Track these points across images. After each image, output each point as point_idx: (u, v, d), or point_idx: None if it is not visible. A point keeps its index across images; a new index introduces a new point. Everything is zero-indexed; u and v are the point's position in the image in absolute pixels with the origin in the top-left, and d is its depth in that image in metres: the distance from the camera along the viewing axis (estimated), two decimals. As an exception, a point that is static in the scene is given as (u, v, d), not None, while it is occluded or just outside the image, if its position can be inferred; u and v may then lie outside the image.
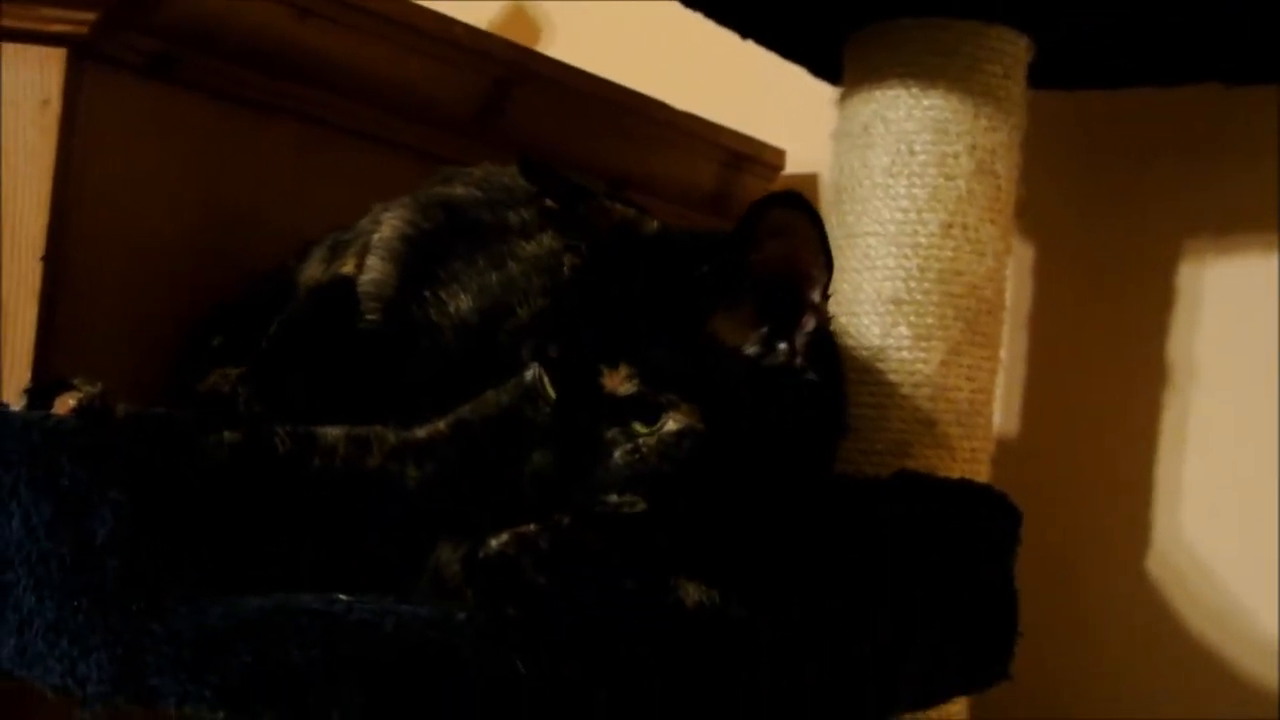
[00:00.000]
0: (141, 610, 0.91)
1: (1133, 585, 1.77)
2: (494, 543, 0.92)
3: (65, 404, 1.00)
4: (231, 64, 1.42)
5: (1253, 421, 1.71)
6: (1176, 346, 1.76)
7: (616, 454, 0.96)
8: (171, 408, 1.34)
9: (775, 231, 0.96)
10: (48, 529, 0.93)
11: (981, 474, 1.52)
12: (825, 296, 1.01)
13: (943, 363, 1.49)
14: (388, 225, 1.35)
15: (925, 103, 1.50)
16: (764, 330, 0.99)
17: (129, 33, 1.32)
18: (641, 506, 0.95)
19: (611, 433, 0.96)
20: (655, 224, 1.10)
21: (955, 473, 1.48)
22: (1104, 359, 1.82)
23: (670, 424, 0.95)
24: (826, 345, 1.05)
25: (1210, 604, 1.72)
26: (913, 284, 1.50)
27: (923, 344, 1.49)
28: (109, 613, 0.91)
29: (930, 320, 1.49)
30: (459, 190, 1.39)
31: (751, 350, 0.98)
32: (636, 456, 0.95)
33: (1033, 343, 1.86)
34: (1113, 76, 1.69)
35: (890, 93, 1.52)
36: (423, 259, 1.32)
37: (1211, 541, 1.73)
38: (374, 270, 1.33)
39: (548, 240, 1.32)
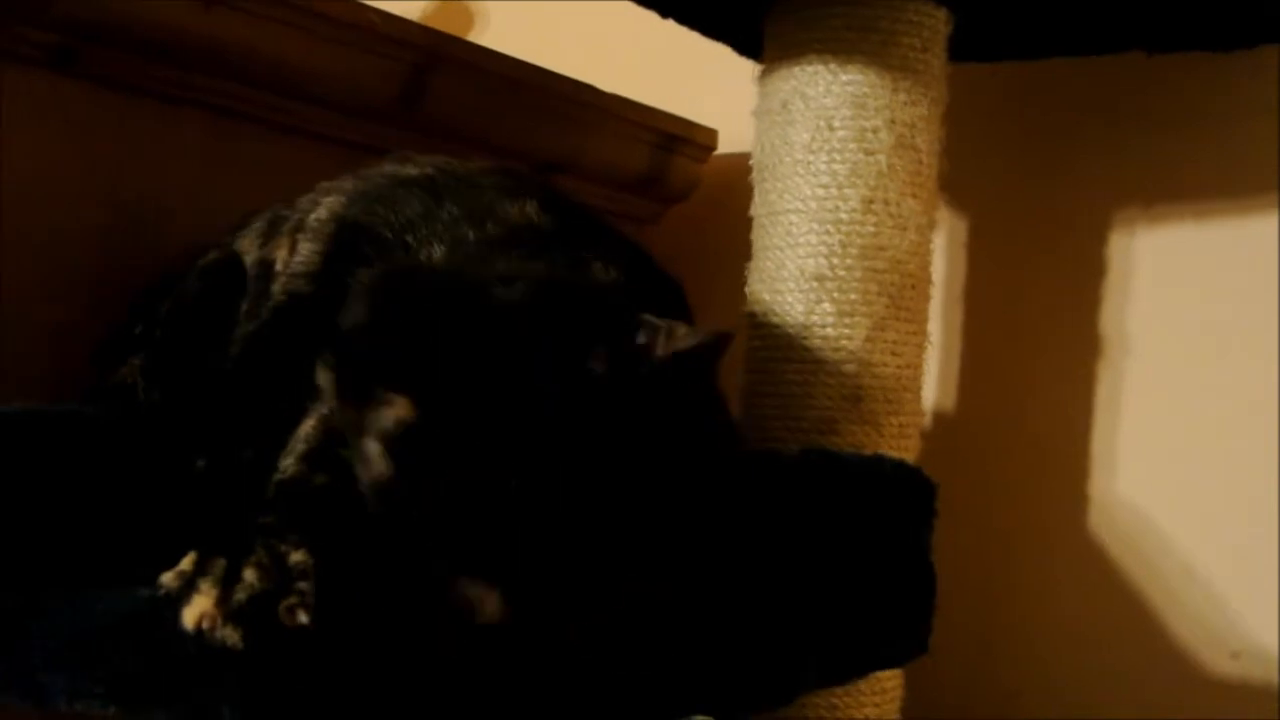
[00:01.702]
0: (20, 609, 0.90)
1: (1070, 556, 1.77)
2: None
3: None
4: (134, 56, 1.40)
5: (1185, 390, 1.71)
6: (1109, 317, 1.76)
7: None
8: (89, 395, 1.35)
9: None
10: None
11: (910, 450, 1.52)
12: None
13: (867, 339, 1.48)
14: (324, 206, 1.32)
15: (844, 78, 1.49)
16: None
17: (24, 27, 1.30)
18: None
19: None
20: None
21: (883, 448, 1.48)
22: (1038, 331, 1.82)
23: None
24: None
25: (1145, 584, 1.72)
26: (835, 260, 1.49)
27: (846, 320, 1.48)
28: (-4, 611, 0.91)
29: (854, 296, 1.48)
30: (411, 170, 1.34)
31: None
32: None
33: (967, 316, 1.86)
34: (1034, 47, 1.68)
35: (809, 69, 1.51)
36: (362, 226, 1.27)
37: (1147, 510, 1.73)
38: (303, 253, 1.30)
39: (531, 210, 1.27)
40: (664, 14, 1.64)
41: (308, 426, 1.04)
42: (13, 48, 1.30)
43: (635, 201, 1.95)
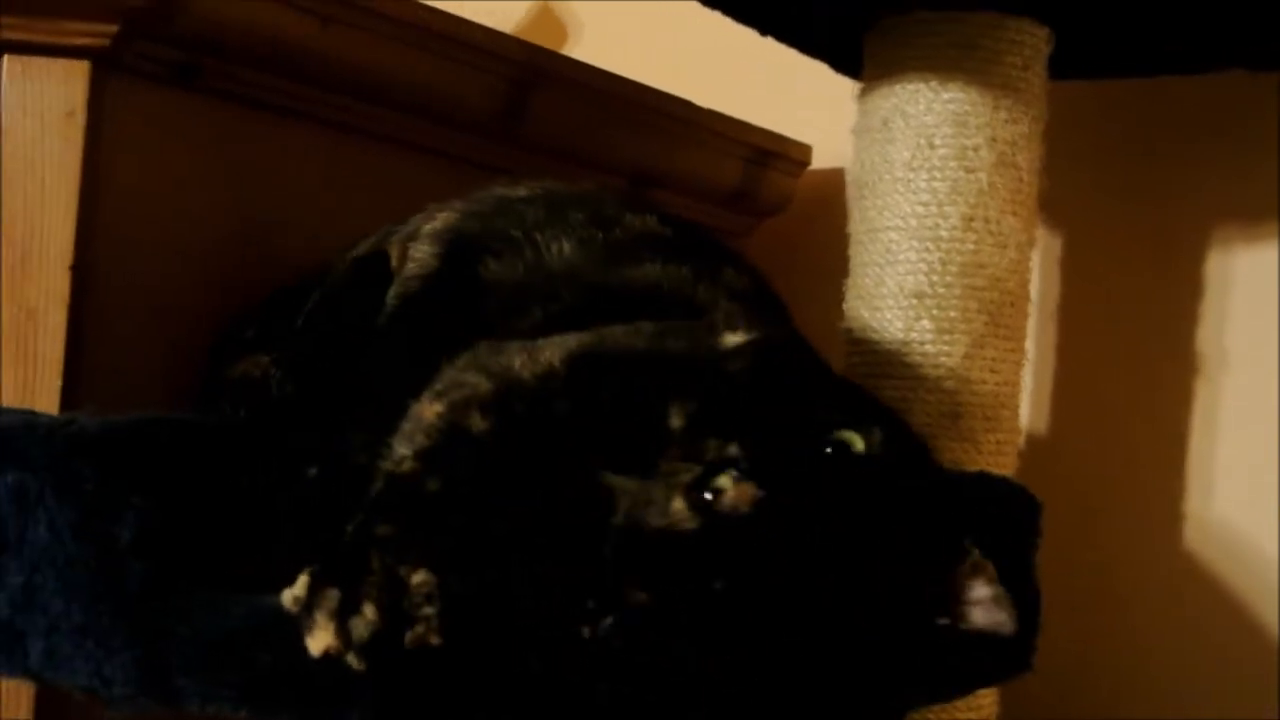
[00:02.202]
0: (164, 612, 0.93)
1: (1167, 575, 1.76)
2: None
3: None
4: (253, 71, 1.44)
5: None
6: (1206, 335, 1.75)
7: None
8: (201, 398, 1.37)
9: None
10: (73, 533, 0.95)
11: (1007, 467, 1.52)
12: None
13: (966, 356, 1.49)
14: (439, 219, 1.33)
15: (945, 96, 1.50)
16: None
17: (149, 43, 1.33)
18: None
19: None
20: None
21: (980, 465, 1.48)
22: (1133, 349, 1.81)
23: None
24: None
25: (1245, 592, 1.71)
26: (935, 278, 1.49)
27: (945, 337, 1.49)
28: (133, 615, 0.93)
29: (953, 313, 1.49)
30: (521, 190, 1.36)
31: None
32: None
33: (1061, 335, 1.86)
34: (1135, 65, 1.68)
35: (910, 87, 1.52)
36: (477, 236, 1.28)
37: (1245, 529, 1.72)
38: (417, 256, 1.31)
39: (652, 222, 1.29)
40: (763, 32, 1.66)
41: (431, 412, 0.98)
42: (137, 64, 1.34)
43: (727, 215, 1.97)
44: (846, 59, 1.70)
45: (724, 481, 0.88)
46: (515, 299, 1.19)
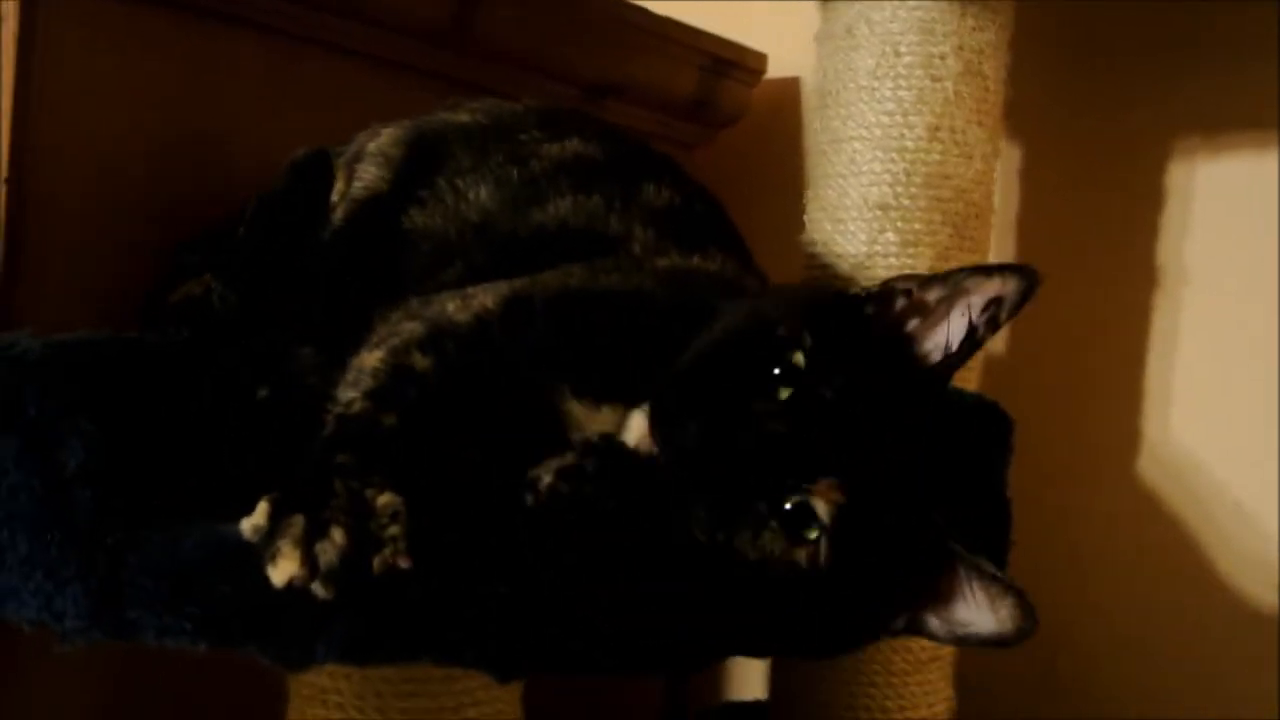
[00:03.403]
0: (116, 542, 0.89)
1: (1123, 491, 1.76)
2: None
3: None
4: (193, -26, 1.38)
5: (1244, 323, 1.69)
6: (1166, 248, 1.73)
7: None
8: (144, 326, 1.33)
9: None
10: (16, 461, 0.91)
11: (970, 381, 1.50)
12: None
13: (930, 268, 1.46)
14: (384, 136, 1.33)
15: (911, 3, 1.46)
16: None
17: (83, -54, 1.27)
18: None
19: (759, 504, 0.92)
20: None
21: (944, 380, 1.46)
22: (1093, 261, 1.79)
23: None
24: None
25: (1202, 507, 1.71)
26: (899, 189, 1.46)
27: (910, 250, 1.46)
28: (83, 545, 0.90)
29: (918, 225, 1.46)
30: (463, 116, 1.36)
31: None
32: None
33: (1020, 246, 1.83)
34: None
35: (875, -8, 1.48)
36: (423, 157, 1.29)
37: (1202, 444, 1.72)
38: (367, 176, 1.30)
39: (574, 145, 1.30)
40: (722, -65, 1.61)
41: (374, 359, 1.00)
42: (71, -33, 1.27)
43: (683, 126, 1.92)
44: (806, -36, 1.66)
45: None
46: (438, 252, 1.23)
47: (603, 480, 0.92)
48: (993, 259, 1.76)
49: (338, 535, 0.85)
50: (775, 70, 2.00)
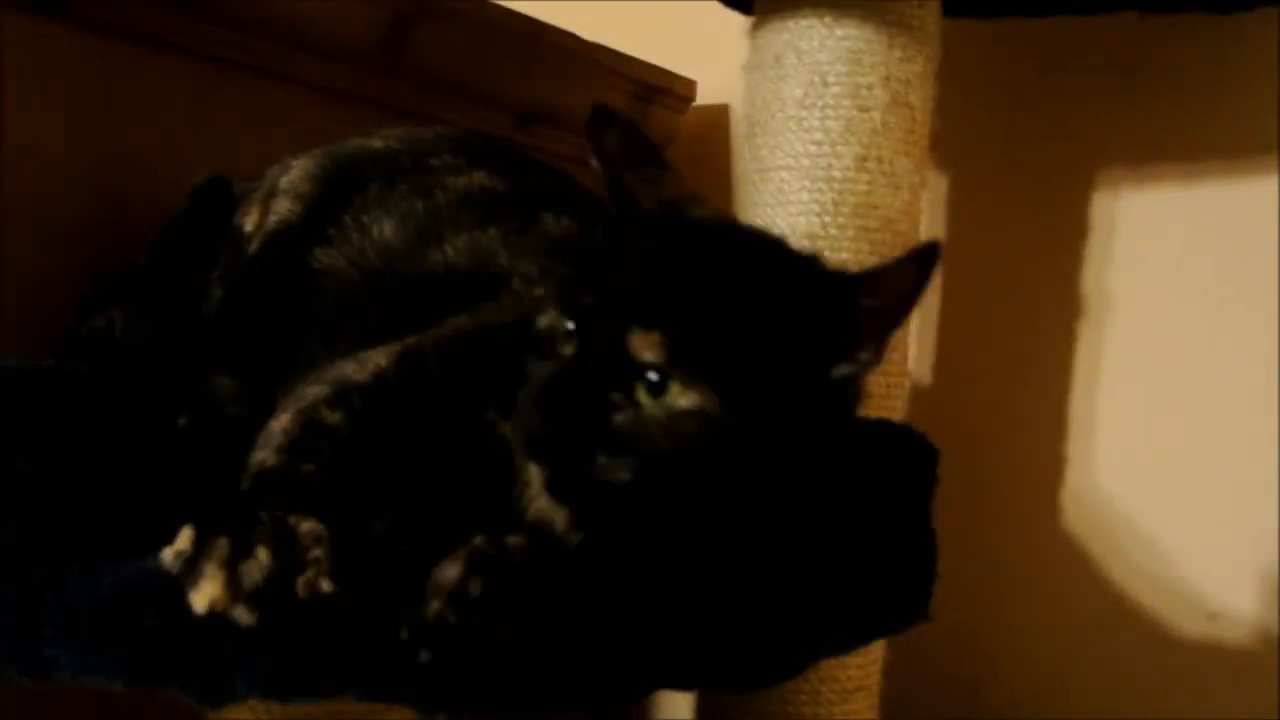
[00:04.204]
0: (37, 579, 0.87)
1: (1046, 521, 1.78)
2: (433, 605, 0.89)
3: None
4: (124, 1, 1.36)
5: (1166, 353, 1.71)
6: (1091, 278, 1.76)
7: (618, 416, 0.91)
8: (57, 359, 1.31)
9: (899, 284, 0.96)
10: (-65, 496, 0.89)
11: (897, 410, 1.51)
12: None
13: (858, 299, 1.47)
14: (296, 170, 1.32)
15: (839, 32, 1.47)
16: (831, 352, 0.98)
17: (17, -30, 1.26)
18: (625, 476, 0.92)
19: (616, 395, 0.92)
20: (710, 210, 1.08)
21: (870, 410, 1.45)
22: (1018, 291, 1.81)
23: (683, 400, 0.91)
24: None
25: (1123, 538, 1.73)
26: (827, 219, 1.47)
27: (838, 280, 1.47)
28: (5, 582, 0.87)
29: (846, 255, 1.47)
30: (377, 143, 1.35)
31: (799, 361, 0.97)
32: (638, 425, 0.91)
33: (946, 275, 1.85)
34: (1027, 5, 1.66)
35: (804, 22, 1.48)
36: (333, 192, 1.29)
37: (1124, 475, 1.74)
38: (280, 211, 1.29)
39: (481, 177, 1.29)
40: (653, -37, 1.61)
41: (282, 422, 1.00)
42: (2, -9, 1.25)
43: (612, 152, 1.92)
44: (736, -6, 1.67)
45: None
46: (341, 297, 1.24)
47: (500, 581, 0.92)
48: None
49: (263, 555, 0.85)
50: (704, 97, 2.01)
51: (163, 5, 1.40)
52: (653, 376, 0.91)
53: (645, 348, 0.91)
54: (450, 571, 0.90)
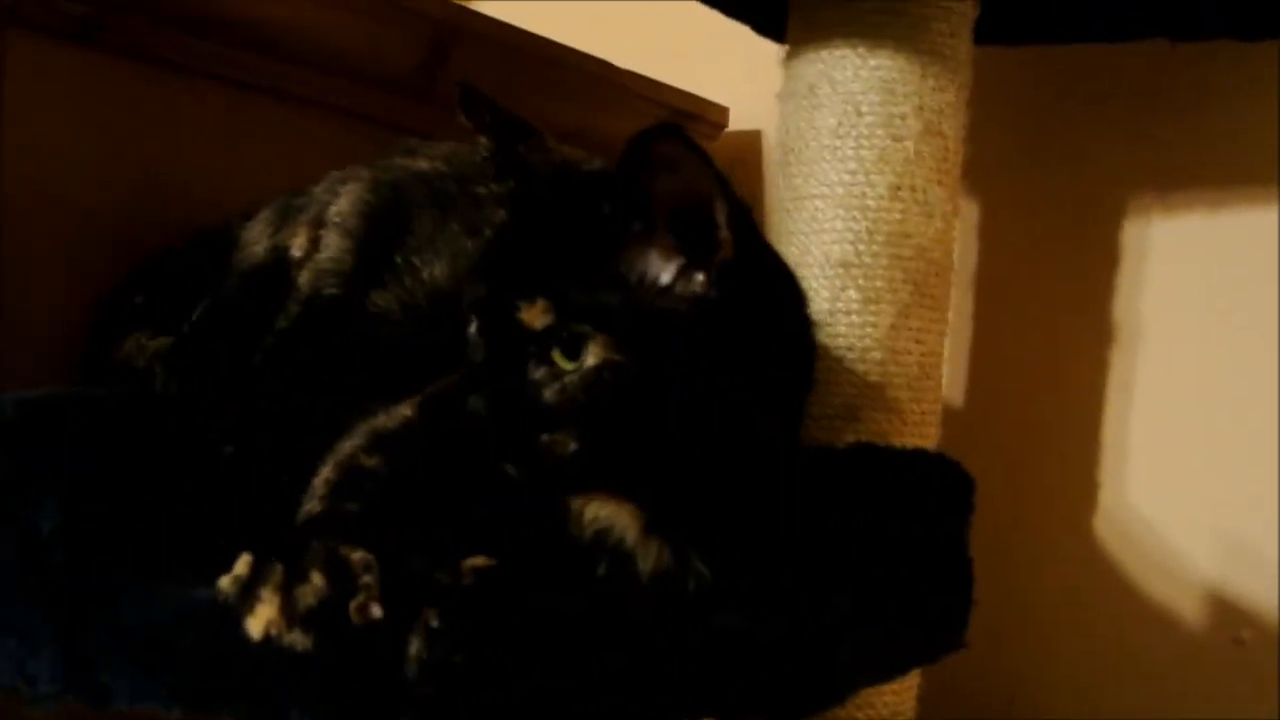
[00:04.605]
0: (89, 605, 0.89)
1: (1078, 546, 1.78)
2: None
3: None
4: (158, 27, 1.39)
5: (1197, 379, 1.72)
6: (1122, 304, 1.76)
7: (546, 392, 0.95)
8: (86, 371, 1.32)
9: (662, 166, 0.94)
10: (-11, 524, 0.90)
11: (931, 437, 1.52)
12: (737, 226, 0.98)
13: (892, 326, 1.48)
14: (345, 199, 1.32)
15: (872, 63, 1.48)
16: (680, 263, 0.97)
17: (54, -1, 1.28)
18: (573, 446, 0.95)
19: (539, 372, 0.95)
20: (596, 165, 1.09)
21: (905, 436, 1.48)
22: (1049, 318, 1.82)
23: (590, 358, 0.94)
24: (764, 284, 1.03)
25: (1156, 561, 1.74)
26: (861, 247, 1.48)
27: (871, 307, 1.48)
28: (56, 609, 0.89)
29: (879, 283, 1.48)
30: (423, 164, 1.36)
31: (665, 280, 0.97)
32: (564, 394, 0.94)
33: (977, 303, 1.86)
34: (1059, 32, 1.67)
35: (837, 53, 1.50)
36: (384, 232, 1.30)
37: (1157, 499, 1.74)
38: (331, 248, 1.30)
39: None
40: (688, -7, 1.62)
41: (323, 475, 1.03)
42: (38, 18, 1.27)
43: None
44: (768, 22, 1.68)
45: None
46: (391, 342, 1.26)
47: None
48: (951, 315, 1.79)
49: (316, 578, 0.88)
50: (737, 123, 2.02)
51: (196, 33, 1.42)
52: (560, 339, 0.94)
53: (535, 318, 0.95)
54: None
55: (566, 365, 0.94)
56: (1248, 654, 1.67)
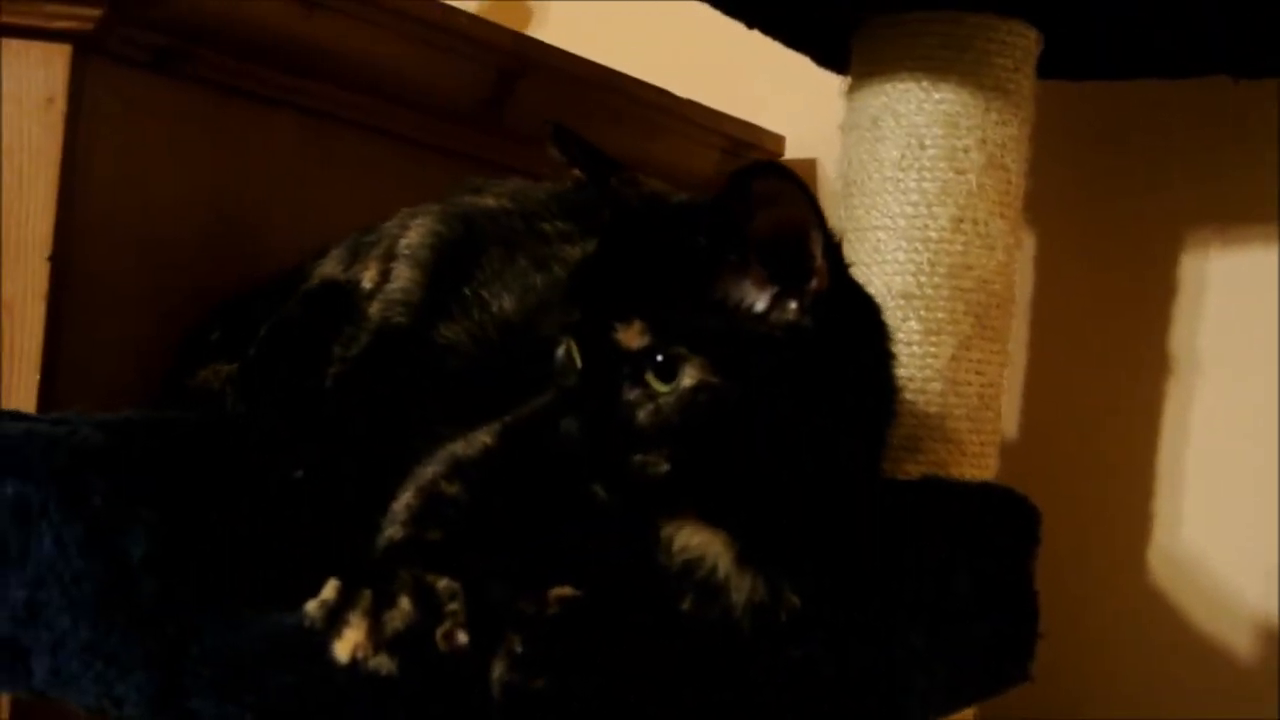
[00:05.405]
0: (178, 630, 0.90)
1: (1134, 577, 1.78)
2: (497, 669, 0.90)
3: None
4: (235, 58, 1.41)
5: (1254, 413, 1.72)
6: (1179, 338, 1.77)
7: (640, 413, 0.95)
8: (163, 401, 1.34)
9: (760, 199, 0.95)
10: (80, 548, 0.92)
11: (990, 469, 1.53)
12: (831, 258, 0.99)
13: (953, 358, 1.49)
14: (415, 232, 1.34)
15: (936, 96, 1.49)
16: (773, 292, 0.98)
17: (133, 28, 1.30)
18: (665, 467, 0.95)
19: (634, 394, 0.96)
20: (683, 197, 1.11)
21: (964, 468, 1.48)
22: (1106, 350, 1.82)
23: (686, 379, 0.94)
24: (854, 315, 1.05)
25: (1210, 596, 1.73)
26: (923, 278, 1.49)
27: (933, 339, 1.49)
28: (145, 633, 0.90)
29: (940, 315, 1.49)
30: (489, 201, 1.38)
31: (759, 308, 0.98)
32: (658, 415, 0.95)
33: (1034, 334, 1.86)
34: (1121, 68, 1.68)
35: (901, 86, 1.51)
36: (453, 264, 1.31)
37: (1212, 534, 1.74)
38: (401, 279, 1.32)
39: (592, 248, 1.31)
40: (750, 24, 1.64)
41: (404, 500, 1.04)
42: (118, 49, 1.29)
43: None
44: (830, 53, 1.70)
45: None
46: (460, 373, 1.27)
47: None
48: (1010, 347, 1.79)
49: (405, 603, 0.89)
50: (793, 152, 2.03)
51: (274, 63, 1.44)
52: (655, 360, 0.95)
53: (631, 338, 0.95)
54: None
55: (661, 387, 0.95)
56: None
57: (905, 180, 1.50)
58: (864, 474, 1.06)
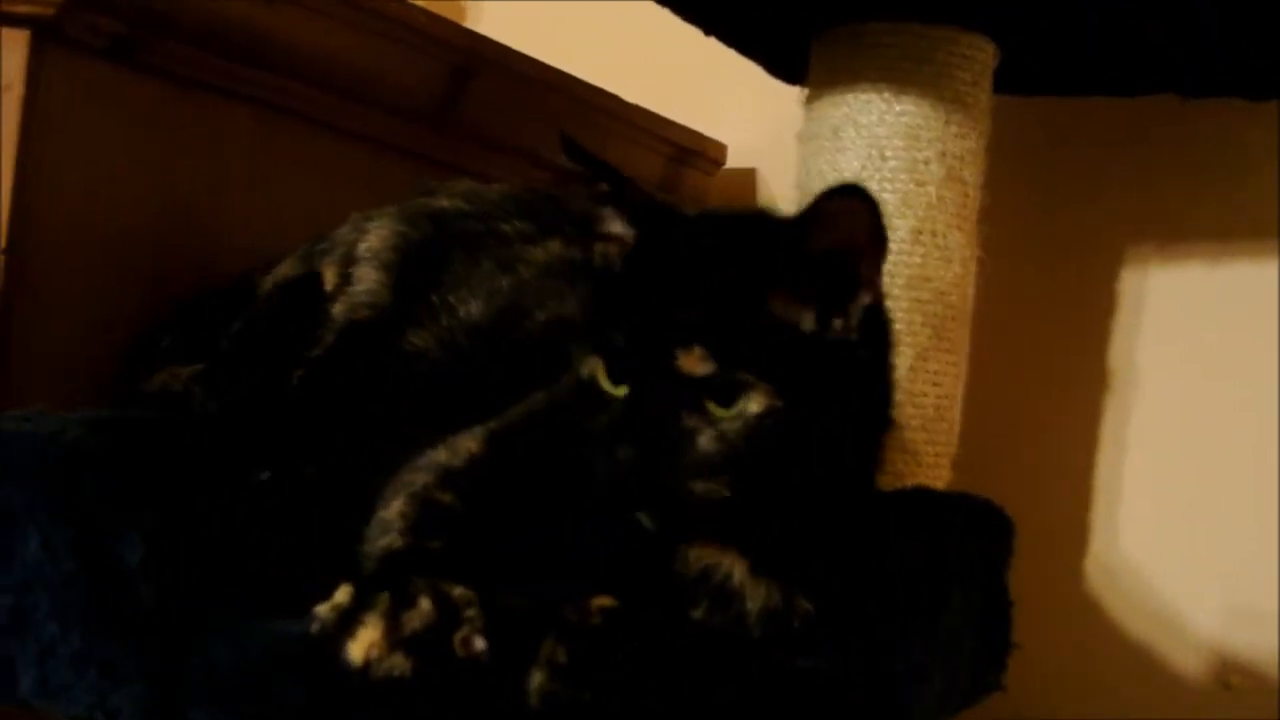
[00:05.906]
0: (177, 638, 0.87)
1: (1071, 586, 1.80)
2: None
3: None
4: (192, 47, 1.37)
5: (1190, 426, 1.75)
6: (1118, 351, 1.79)
7: (701, 440, 0.93)
8: (118, 405, 1.30)
9: (836, 218, 0.95)
10: (70, 551, 0.88)
11: (944, 479, 1.54)
12: (879, 272, 1.00)
13: (910, 368, 1.50)
14: (375, 235, 1.31)
15: (898, 108, 1.50)
16: (822, 306, 0.97)
17: (93, 13, 1.26)
18: (725, 493, 0.93)
19: (693, 420, 0.93)
20: (690, 210, 1.10)
21: (920, 478, 1.49)
22: (1045, 362, 1.85)
23: (753, 405, 0.93)
24: (880, 325, 1.05)
25: (1146, 605, 1.76)
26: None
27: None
28: (143, 641, 0.87)
29: (898, 326, 1.46)
30: (444, 202, 1.36)
31: (808, 327, 0.97)
32: (723, 442, 0.93)
33: (975, 346, 1.87)
34: (1074, 84, 1.70)
35: (863, 97, 1.51)
36: (418, 268, 1.29)
37: (1149, 546, 1.77)
38: (366, 280, 1.29)
39: (556, 247, 1.30)
40: (708, 31, 1.63)
41: (395, 509, 1.02)
42: (79, 36, 1.25)
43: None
44: (782, 62, 1.70)
45: None
46: (429, 379, 1.25)
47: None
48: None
49: (425, 604, 0.88)
50: (733, 160, 2.03)
51: (233, 54, 1.40)
52: (717, 387, 0.93)
53: (694, 365, 0.93)
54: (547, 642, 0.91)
55: (721, 412, 0.93)
56: (1237, 699, 1.70)
57: (866, 191, 1.50)
58: (864, 483, 1.06)
